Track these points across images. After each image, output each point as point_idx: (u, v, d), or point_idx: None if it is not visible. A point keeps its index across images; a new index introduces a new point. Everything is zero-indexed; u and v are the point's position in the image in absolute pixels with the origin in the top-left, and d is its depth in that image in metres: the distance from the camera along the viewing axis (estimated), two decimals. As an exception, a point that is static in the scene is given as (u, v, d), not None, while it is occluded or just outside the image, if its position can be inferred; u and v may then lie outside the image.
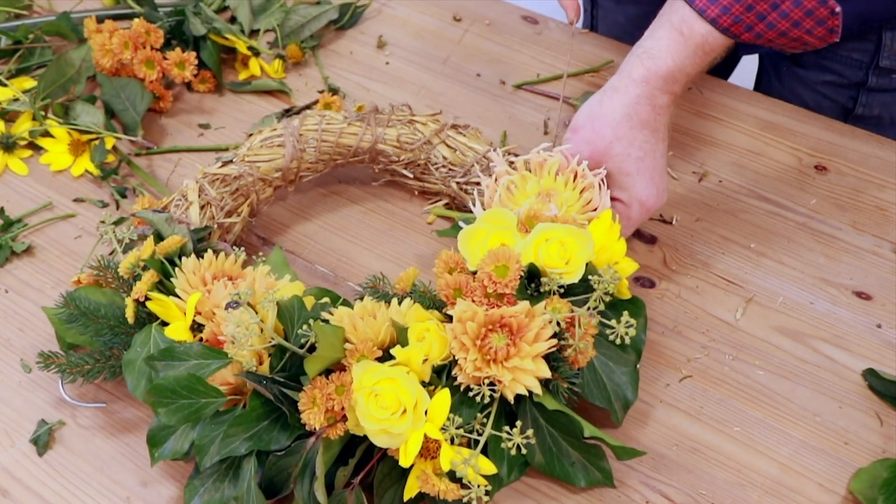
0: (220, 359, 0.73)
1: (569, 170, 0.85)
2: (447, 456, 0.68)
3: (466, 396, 0.71)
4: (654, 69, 0.85)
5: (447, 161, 0.93)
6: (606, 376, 0.77)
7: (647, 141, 0.86)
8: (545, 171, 0.86)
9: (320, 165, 0.95)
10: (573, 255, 0.76)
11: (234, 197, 0.92)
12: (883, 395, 0.82)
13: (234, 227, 0.92)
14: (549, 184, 0.85)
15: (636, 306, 0.81)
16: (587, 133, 0.87)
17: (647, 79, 0.85)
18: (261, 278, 0.79)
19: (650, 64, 0.85)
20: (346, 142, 0.94)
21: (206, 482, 0.73)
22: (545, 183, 0.85)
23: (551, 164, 0.86)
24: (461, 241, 0.79)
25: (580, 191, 0.85)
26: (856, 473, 0.77)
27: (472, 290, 0.75)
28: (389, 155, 0.95)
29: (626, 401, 0.78)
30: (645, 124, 0.86)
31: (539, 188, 0.85)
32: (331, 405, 0.70)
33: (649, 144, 0.86)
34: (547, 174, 0.86)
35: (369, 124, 0.94)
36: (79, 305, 0.80)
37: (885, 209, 0.97)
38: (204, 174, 0.91)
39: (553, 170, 0.86)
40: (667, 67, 0.84)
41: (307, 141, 0.93)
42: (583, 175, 0.85)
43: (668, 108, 0.87)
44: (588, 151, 0.86)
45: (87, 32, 1.07)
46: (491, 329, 0.71)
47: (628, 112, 0.85)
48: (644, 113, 0.85)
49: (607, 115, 0.85)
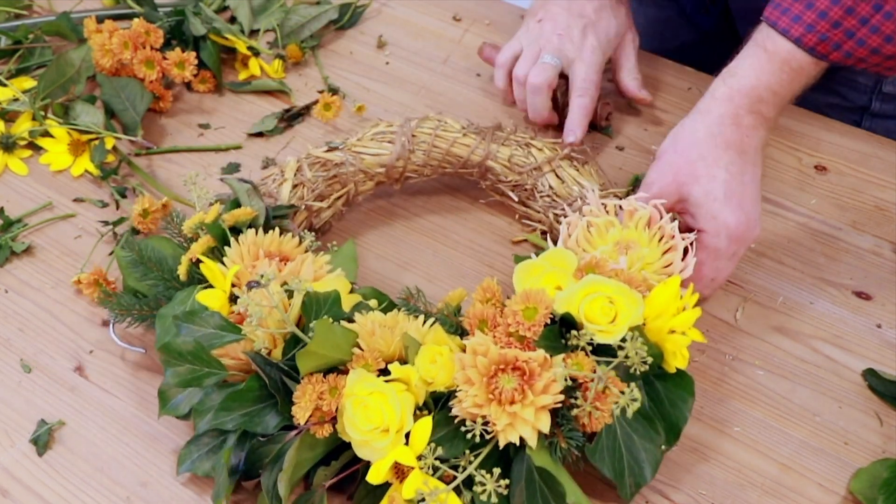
0: (234, 333, 0.74)
1: (657, 226, 0.81)
2: (413, 484, 0.66)
3: (459, 431, 0.69)
4: (737, 87, 0.82)
5: (552, 191, 0.91)
6: (626, 447, 0.72)
7: (733, 162, 0.81)
8: (633, 221, 0.82)
9: (427, 170, 0.95)
10: (619, 316, 0.71)
11: (330, 183, 0.92)
12: (883, 395, 0.82)
13: (323, 213, 0.93)
14: (632, 235, 0.80)
15: (684, 382, 0.74)
16: (670, 156, 0.83)
17: (729, 97, 0.82)
18: (308, 266, 0.79)
19: (732, 82, 0.82)
20: (458, 151, 0.93)
21: (201, 450, 0.75)
22: (628, 234, 0.81)
23: (641, 215, 0.81)
24: (517, 274, 0.77)
25: (663, 251, 0.80)
26: (855, 473, 0.77)
27: (496, 325, 0.72)
28: (498, 173, 0.94)
29: (640, 480, 0.72)
30: (730, 144, 0.82)
31: (619, 237, 0.80)
32: (320, 404, 0.70)
33: (736, 166, 0.81)
34: (634, 225, 0.81)
35: (484, 139, 0.93)
36: (142, 252, 0.83)
37: (885, 209, 0.97)
38: (308, 155, 0.92)
39: (641, 222, 0.81)
40: (750, 85, 0.81)
41: (418, 143, 0.93)
42: (671, 234, 0.80)
43: (755, 130, 0.83)
44: (671, 175, 0.82)
45: (87, 32, 1.07)
46: (502, 369, 0.69)
47: (711, 131, 0.82)
48: (728, 133, 0.82)
49: (689, 136, 0.82)
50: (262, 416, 0.73)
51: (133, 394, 0.83)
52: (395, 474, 0.70)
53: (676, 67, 1.13)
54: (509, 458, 0.71)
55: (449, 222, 0.99)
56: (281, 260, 0.80)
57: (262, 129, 1.07)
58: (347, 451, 0.72)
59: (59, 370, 0.85)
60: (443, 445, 0.68)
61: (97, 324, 0.89)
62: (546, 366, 0.69)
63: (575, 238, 0.82)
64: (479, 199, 0.99)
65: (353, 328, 0.74)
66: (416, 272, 0.94)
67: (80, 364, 0.86)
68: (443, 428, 0.70)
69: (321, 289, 0.77)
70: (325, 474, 0.72)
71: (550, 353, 0.70)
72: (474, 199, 1.00)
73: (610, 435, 0.72)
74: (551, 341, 0.71)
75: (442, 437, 0.69)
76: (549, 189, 0.91)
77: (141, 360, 0.86)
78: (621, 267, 0.77)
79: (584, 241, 0.82)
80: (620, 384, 0.69)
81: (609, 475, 0.72)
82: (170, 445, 0.80)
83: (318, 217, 0.93)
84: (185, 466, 0.76)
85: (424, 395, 0.71)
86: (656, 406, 0.74)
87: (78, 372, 0.85)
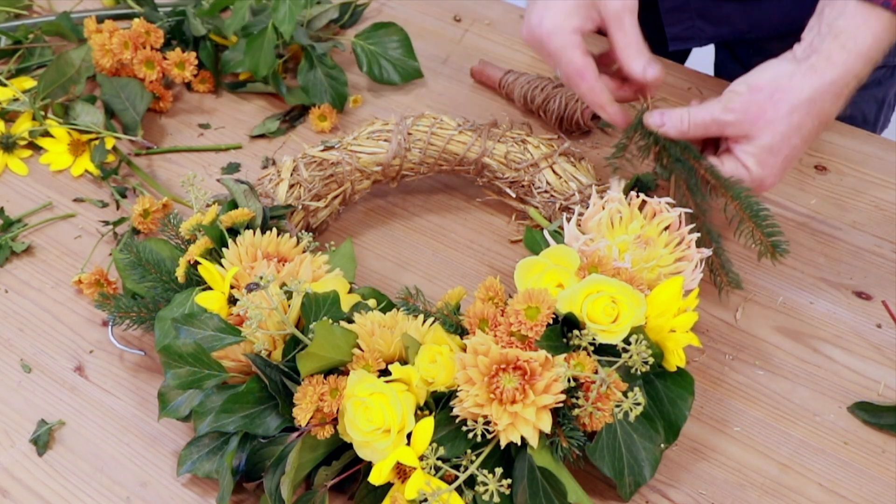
0: (234, 335, 0.74)
1: (677, 233, 0.81)
2: (415, 484, 0.66)
3: (461, 430, 0.69)
4: (856, 50, 0.78)
5: (550, 187, 0.91)
6: (626, 447, 0.72)
7: (811, 132, 0.81)
8: (656, 220, 0.81)
9: (424, 168, 0.95)
10: (621, 315, 0.71)
11: (327, 182, 0.92)
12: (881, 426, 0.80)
13: (320, 212, 0.93)
14: (652, 233, 0.80)
15: (684, 381, 0.75)
16: (763, 97, 0.80)
17: (846, 62, 0.79)
18: (306, 266, 0.79)
19: (850, 45, 0.78)
20: (454, 149, 0.93)
21: (201, 451, 0.75)
22: (649, 230, 0.80)
23: (664, 218, 0.81)
24: (518, 271, 0.77)
25: (677, 258, 0.80)
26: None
27: (497, 325, 0.72)
28: (494, 170, 0.94)
29: (639, 479, 0.73)
30: (821, 116, 0.80)
31: (640, 232, 0.80)
32: (321, 405, 0.70)
33: (811, 135, 0.81)
34: (656, 224, 0.81)
35: (480, 136, 0.93)
36: (140, 254, 0.83)
37: (885, 209, 0.97)
38: (304, 155, 0.92)
39: (663, 224, 0.81)
40: (867, 46, 0.78)
41: (414, 141, 0.93)
42: (688, 244, 0.80)
43: (846, 100, 0.81)
44: (754, 114, 0.80)
45: (87, 32, 1.07)
46: (503, 369, 0.69)
47: (814, 97, 0.79)
48: (827, 102, 0.80)
49: (794, 91, 0.79)
50: (262, 418, 0.73)
51: (133, 394, 0.83)
52: (396, 474, 0.70)
53: (676, 67, 1.14)
54: (511, 457, 0.71)
55: (448, 221, 0.99)
56: (279, 261, 0.80)
57: (264, 132, 1.07)
58: (349, 451, 0.72)
59: (59, 370, 0.85)
60: (444, 445, 0.68)
61: (97, 324, 0.89)
62: (547, 365, 0.69)
63: (597, 220, 0.81)
64: (476, 197, 0.99)
65: (353, 328, 0.74)
66: (414, 271, 0.94)
67: (80, 364, 0.86)
68: (444, 428, 0.70)
69: (320, 289, 0.77)
70: (326, 474, 0.72)
71: (552, 352, 0.70)
72: (472, 197, 1.00)
73: (610, 434, 0.72)
74: (553, 341, 0.71)
75: (443, 436, 0.70)
76: (546, 185, 0.92)
77: (141, 361, 0.86)
78: (625, 265, 0.77)
79: (607, 227, 0.81)
80: (622, 385, 0.69)
81: (609, 474, 0.72)
82: (170, 446, 0.80)
83: (315, 217, 0.93)
84: (185, 467, 0.76)
85: (425, 395, 0.71)
86: (656, 405, 0.75)
87: (78, 372, 0.85)
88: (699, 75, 1.12)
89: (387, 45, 1.09)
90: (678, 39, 1.16)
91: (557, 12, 0.84)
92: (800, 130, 0.81)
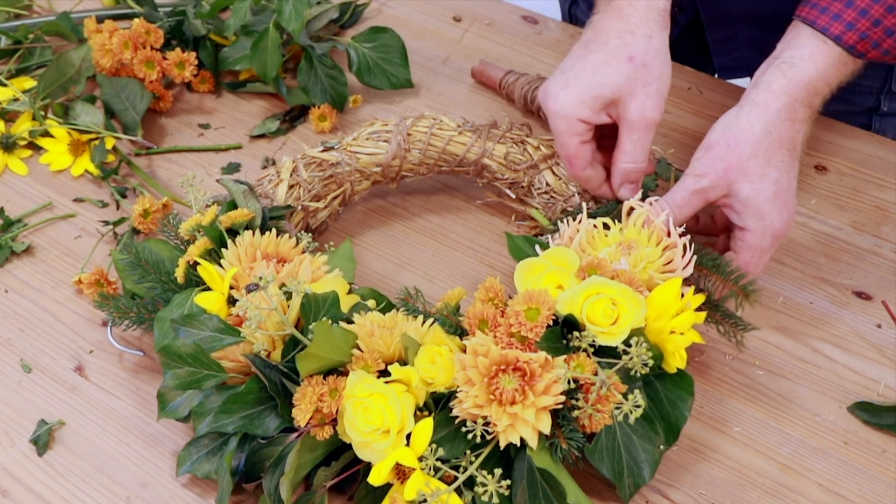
0: (233, 336, 0.74)
1: (655, 224, 0.80)
2: (415, 485, 0.66)
3: (460, 431, 0.69)
4: (797, 79, 0.79)
5: (550, 188, 0.91)
6: (625, 448, 0.72)
7: (783, 161, 0.80)
8: (630, 221, 0.81)
9: (423, 168, 0.95)
10: (621, 317, 0.71)
11: (326, 183, 0.92)
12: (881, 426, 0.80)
13: (320, 213, 0.93)
14: (632, 235, 0.80)
15: (683, 382, 0.75)
16: (721, 150, 0.80)
17: (787, 90, 0.80)
18: (306, 267, 0.79)
19: (792, 74, 0.79)
20: (454, 150, 0.93)
21: (201, 451, 0.75)
22: (628, 234, 0.80)
23: (637, 214, 0.81)
24: (517, 272, 0.77)
25: (663, 249, 0.79)
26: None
27: (497, 326, 0.72)
28: (494, 171, 0.94)
29: (638, 480, 0.73)
30: (783, 142, 0.80)
31: (620, 238, 0.80)
32: (320, 406, 0.70)
33: (786, 164, 0.80)
34: (632, 225, 0.80)
35: (480, 137, 0.93)
36: (139, 255, 0.83)
37: (885, 209, 0.97)
38: (303, 155, 0.92)
39: (638, 221, 0.80)
40: (809, 76, 0.79)
41: (414, 142, 0.93)
42: (667, 232, 0.80)
43: (805, 124, 0.82)
44: (723, 170, 0.80)
45: (87, 32, 1.07)
46: (503, 370, 0.69)
47: (768, 128, 0.79)
48: (784, 129, 0.80)
49: (745, 131, 0.80)
50: (262, 419, 0.73)
51: (133, 394, 0.83)
52: (396, 475, 0.70)
53: (676, 67, 1.13)
54: (510, 458, 0.71)
55: (447, 222, 0.99)
56: (278, 261, 0.80)
57: (264, 132, 1.07)
58: (348, 451, 0.72)
59: (59, 370, 0.85)
60: (444, 446, 0.68)
61: (97, 324, 0.89)
62: (547, 367, 0.69)
63: (577, 242, 0.81)
64: (476, 198, 0.99)
65: (352, 329, 0.74)
66: (414, 272, 0.94)
67: (80, 364, 0.86)
68: (443, 428, 0.70)
69: (319, 290, 0.77)
70: (325, 475, 0.72)
71: (552, 354, 0.70)
72: (472, 198, 1.00)
73: (609, 435, 0.72)
74: (553, 342, 0.71)
75: (443, 437, 0.70)
76: (546, 186, 0.91)
77: (141, 361, 0.86)
78: (623, 268, 0.77)
79: (587, 243, 0.81)
80: (622, 387, 0.69)
81: (608, 475, 0.72)
82: (170, 446, 0.80)
83: (314, 217, 0.93)
84: (184, 468, 0.76)
85: (425, 396, 0.71)
86: (655, 406, 0.75)
87: (78, 372, 0.85)
88: (699, 75, 1.12)
89: (381, 51, 1.08)
90: (727, 69, 1.15)
91: (572, 97, 0.82)
92: (771, 164, 0.80)
